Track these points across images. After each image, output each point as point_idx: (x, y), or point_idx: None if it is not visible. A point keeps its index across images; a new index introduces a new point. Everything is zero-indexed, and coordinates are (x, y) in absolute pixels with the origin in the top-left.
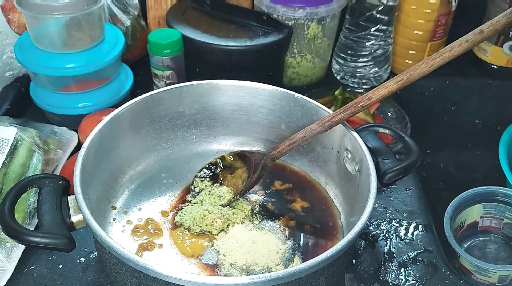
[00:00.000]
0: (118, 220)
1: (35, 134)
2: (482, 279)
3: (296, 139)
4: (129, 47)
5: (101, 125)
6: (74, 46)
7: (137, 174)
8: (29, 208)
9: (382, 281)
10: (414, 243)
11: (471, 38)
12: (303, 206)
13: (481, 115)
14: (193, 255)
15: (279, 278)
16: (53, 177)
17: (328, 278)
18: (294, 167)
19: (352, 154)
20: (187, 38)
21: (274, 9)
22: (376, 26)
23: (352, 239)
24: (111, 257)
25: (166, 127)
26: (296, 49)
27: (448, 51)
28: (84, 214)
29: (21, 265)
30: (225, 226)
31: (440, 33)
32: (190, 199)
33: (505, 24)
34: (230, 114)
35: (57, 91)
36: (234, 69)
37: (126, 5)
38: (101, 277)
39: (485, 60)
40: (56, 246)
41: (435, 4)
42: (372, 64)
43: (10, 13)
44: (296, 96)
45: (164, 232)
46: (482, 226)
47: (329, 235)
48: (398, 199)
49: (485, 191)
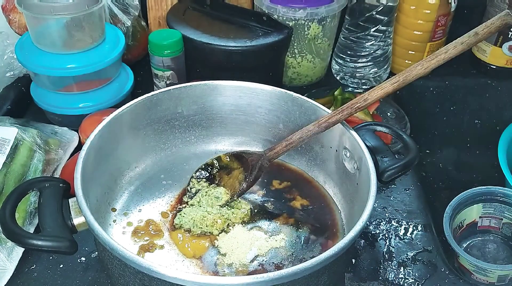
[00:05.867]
0: (118, 222)
1: (36, 134)
2: (481, 279)
3: (293, 140)
4: (130, 48)
5: (101, 126)
6: (74, 46)
7: (136, 175)
8: (30, 208)
9: (381, 281)
10: (413, 242)
11: (466, 40)
12: (303, 204)
13: (481, 115)
14: (194, 256)
15: (282, 277)
16: (54, 180)
17: (330, 276)
18: (292, 166)
19: (351, 152)
20: (188, 38)
21: (274, 10)
22: (375, 26)
23: (354, 237)
24: (113, 259)
25: (164, 128)
26: (297, 49)
27: (443, 53)
28: (86, 217)
29: (22, 265)
30: (225, 226)
31: (439, 34)
32: (186, 200)
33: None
34: (228, 115)
35: (58, 91)
36: (234, 69)
37: (127, 6)
38: (102, 277)
39: (485, 61)
40: (59, 249)
41: (434, 5)
42: (372, 65)
43: (11, 14)
44: (294, 95)
45: (165, 233)
46: (481, 226)
47: (330, 233)
48: (397, 199)
49: (484, 191)
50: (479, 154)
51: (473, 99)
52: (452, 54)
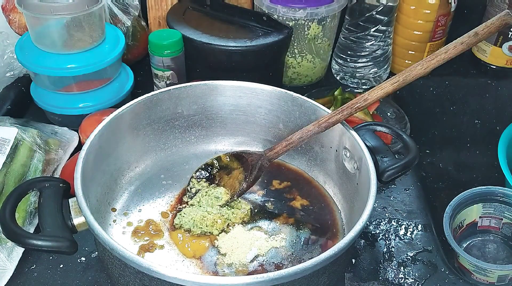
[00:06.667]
0: (118, 222)
1: (36, 134)
2: (481, 279)
3: (293, 140)
4: (130, 48)
5: (100, 126)
6: (74, 46)
7: (136, 175)
8: (30, 208)
9: (381, 281)
10: (413, 242)
11: (466, 40)
12: (303, 204)
13: (481, 115)
14: (194, 256)
15: (282, 277)
16: (54, 180)
17: (330, 276)
18: (292, 166)
19: (351, 152)
20: (188, 38)
21: (274, 10)
22: (375, 26)
23: (354, 237)
24: (113, 259)
25: (164, 128)
26: (297, 49)
27: (443, 53)
28: (86, 217)
29: (22, 265)
30: (225, 226)
31: (439, 34)
32: (186, 200)
33: (499, 27)
34: (228, 115)
35: (58, 91)
36: (234, 69)
37: (127, 6)
38: (102, 277)
39: (485, 61)
40: (59, 249)
41: (434, 5)
42: (372, 65)
43: (11, 14)
44: (294, 95)
45: (165, 233)
46: (481, 226)
47: (330, 233)
48: (397, 199)
49: (484, 191)
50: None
51: (473, 99)
52: (452, 54)
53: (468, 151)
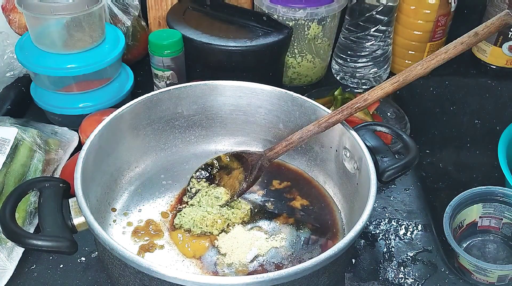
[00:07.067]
0: (118, 222)
1: (36, 134)
2: (481, 279)
3: (293, 140)
4: (130, 48)
5: (101, 126)
6: (74, 46)
7: (136, 175)
8: (30, 208)
9: (381, 281)
10: (413, 242)
11: (466, 40)
12: (303, 204)
13: (480, 115)
14: (194, 256)
15: (282, 277)
16: (54, 180)
17: (330, 276)
18: (292, 166)
19: (351, 152)
20: (188, 38)
21: (274, 10)
22: (375, 26)
23: (354, 237)
24: (113, 259)
25: (164, 128)
26: (297, 49)
27: (443, 53)
28: (86, 217)
29: (22, 265)
30: (225, 226)
31: (439, 34)
32: (186, 200)
33: (499, 27)
34: (228, 115)
35: (58, 91)
36: (234, 69)
37: (127, 6)
38: (102, 277)
39: (485, 61)
40: (59, 249)
41: (434, 5)
42: (372, 65)
43: (11, 14)
44: (294, 95)
45: (165, 233)
46: (481, 225)
47: (330, 233)
48: (397, 199)
49: (484, 191)
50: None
51: (473, 99)
52: (452, 54)
53: (468, 151)
